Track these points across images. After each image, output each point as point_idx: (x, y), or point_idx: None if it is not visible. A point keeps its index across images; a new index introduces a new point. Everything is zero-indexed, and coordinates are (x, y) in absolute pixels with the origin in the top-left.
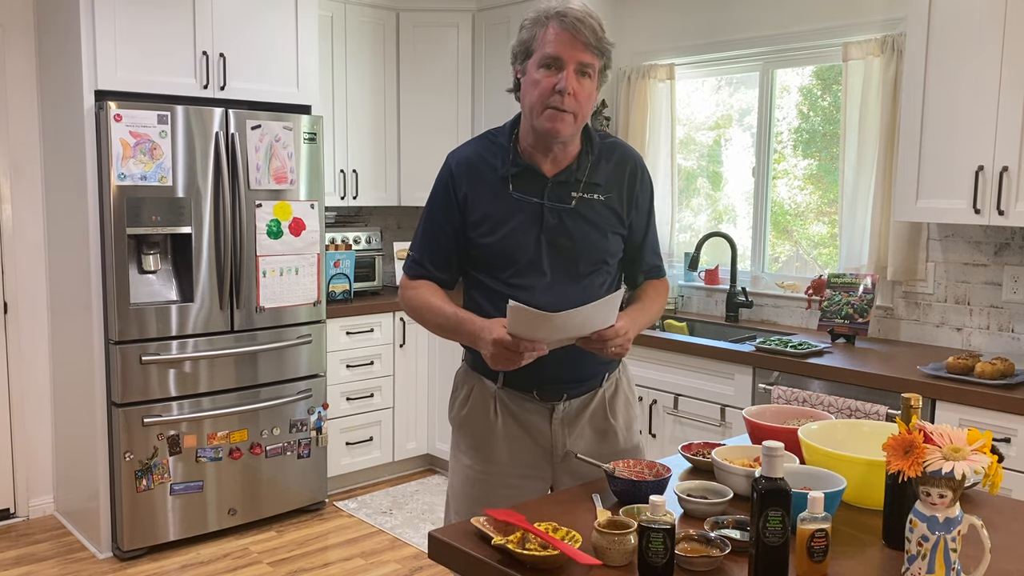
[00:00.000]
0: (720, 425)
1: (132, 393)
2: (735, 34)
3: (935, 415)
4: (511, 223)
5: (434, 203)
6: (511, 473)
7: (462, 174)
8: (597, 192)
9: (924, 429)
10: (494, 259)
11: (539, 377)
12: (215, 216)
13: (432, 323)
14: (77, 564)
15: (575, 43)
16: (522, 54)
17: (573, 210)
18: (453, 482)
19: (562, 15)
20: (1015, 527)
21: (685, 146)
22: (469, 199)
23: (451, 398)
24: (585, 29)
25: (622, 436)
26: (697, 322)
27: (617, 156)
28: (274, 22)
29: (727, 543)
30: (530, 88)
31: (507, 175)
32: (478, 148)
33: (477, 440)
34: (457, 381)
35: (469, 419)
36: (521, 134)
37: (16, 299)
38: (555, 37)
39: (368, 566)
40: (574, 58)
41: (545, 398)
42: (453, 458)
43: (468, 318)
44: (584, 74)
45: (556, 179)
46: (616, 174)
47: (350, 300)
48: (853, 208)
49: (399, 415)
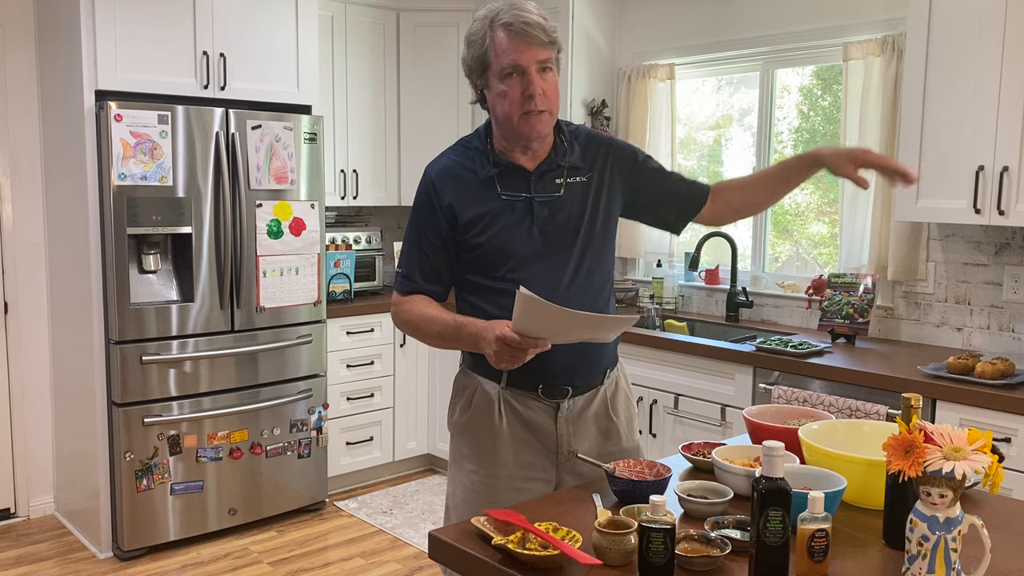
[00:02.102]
0: (720, 425)
1: (132, 393)
2: (735, 34)
3: (935, 415)
4: (502, 221)
5: (418, 216)
6: (517, 476)
7: (444, 183)
8: (579, 175)
9: (924, 429)
10: (490, 258)
11: (544, 374)
12: (215, 216)
13: (430, 334)
14: (77, 564)
15: (529, 46)
16: (478, 68)
17: (560, 196)
18: (455, 490)
19: (508, 24)
20: (1015, 527)
21: (685, 146)
22: (455, 206)
23: (451, 404)
24: (533, 30)
25: (624, 434)
26: (697, 322)
27: (584, 138)
28: (274, 22)
29: (727, 543)
30: (500, 100)
31: (490, 175)
32: (454, 156)
33: (481, 444)
34: (457, 386)
35: (472, 423)
36: (496, 138)
37: (16, 299)
38: (509, 45)
39: (368, 566)
40: (532, 59)
41: (550, 395)
42: (454, 465)
43: (468, 321)
44: (545, 69)
45: (539, 170)
46: (590, 154)
47: (350, 300)
48: (853, 208)
49: (399, 415)
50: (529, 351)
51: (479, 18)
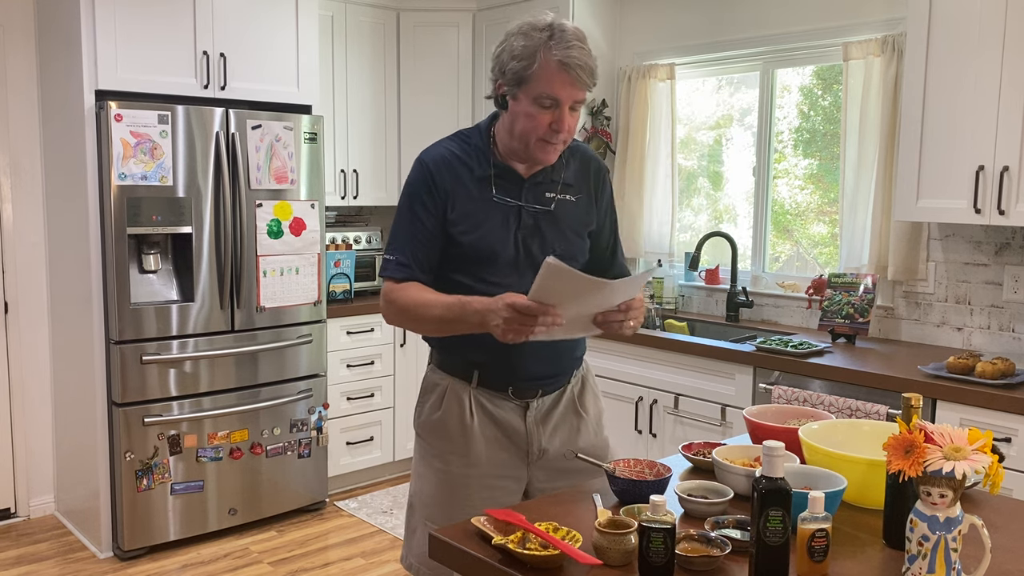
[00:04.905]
0: (721, 425)
1: (132, 393)
2: (735, 34)
3: (936, 415)
4: (489, 222)
5: (414, 202)
6: (489, 474)
7: (441, 171)
8: (569, 193)
9: (925, 429)
10: (473, 256)
11: (514, 375)
12: (215, 216)
13: (429, 318)
14: (77, 564)
15: (574, 86)
16: (514, 79)
17: (548, 211)
18: (422, 488)
19: (564, 60)
20: (1015, 527)
21: (686, 146)
22: (450, 195)
23: (419, 403)
24: (584, 74)
25: (593, 429)
26: (698, 322)
27: (580, 156)
28: (274, 22)
29: (727, 543)
30: (525, 119)
31: (486, 175)
32: (452, 147)
33: (453, 443)
34: (426, 385)
35: (443, 422)
36: (499, 139)
37: (16, 299)
38: (556, 79)
39: (368, 566)
40: (571, 98)
41: (520, 396)
42: (421, 464)
43: (472, 297)
44: (575, 108)
45: (532, 180)
46: (582, 173)
47: (350, 300)
48: (854, 208)
49: (399, 415)
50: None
51: (535, 28)
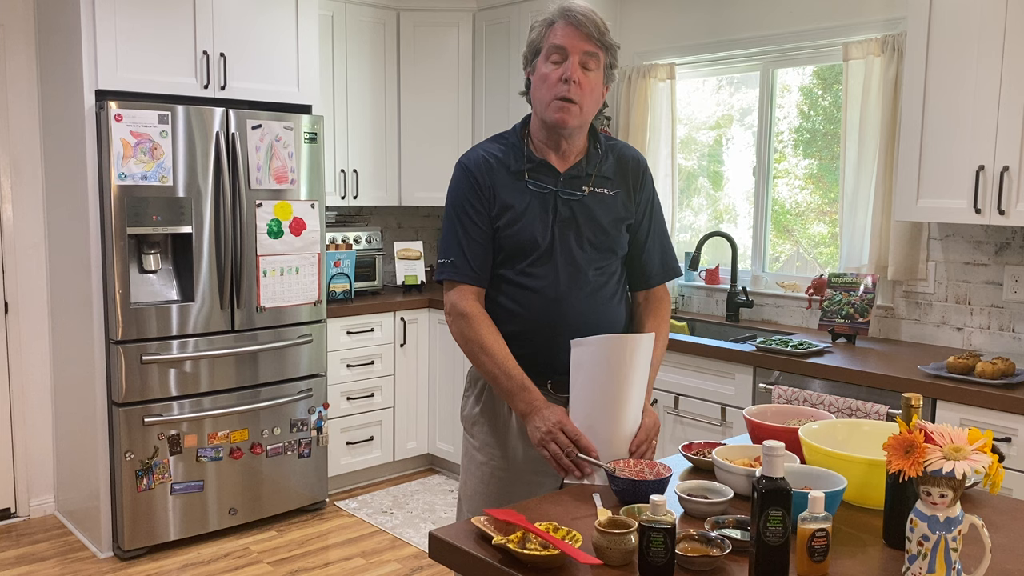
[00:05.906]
0: (721, 425)
1: (133, 393)
2: (735, 34)
3: (936, 415)
4: (527, 213)
5: (463, 204)
6: (527, 470)
7: (482, 171)
8: (607, 186)
9: (925, 429)
10: (514, 248)
11: (553, 370)
12: (215, 216)
13: (484, 367)
14: (77, 564)
15: (578, 35)
16: (531, 54)
17: (583, 202)
18: (467, 482)
19: (566, 11)
20: (1016, 527)
21: (686, 146)
22: (493, 192)
23: (464, 397)
24: (588, 23)
25: None
26: (698, 322)
27: (619, 152)
28: (274, 22)
29: (727, 543)
30: (539, 84)
31: (521, 168)
32: (489, 148)
33: (492, 436)
34: (469, 379)
35: (483, 415)
36: (532, 132)
37: (16, 299)
38: (562, 31)
39: (368, 566)
40: (578, 48)
41: (559, 391)
42: (467, 458)
43: (532, 388)
44: (589, 66)
45: (568, 173)
46: (621, 169)
47: (351, 300)
48: (854, 208)
49: (399, 415)
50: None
51: (547, 10)
